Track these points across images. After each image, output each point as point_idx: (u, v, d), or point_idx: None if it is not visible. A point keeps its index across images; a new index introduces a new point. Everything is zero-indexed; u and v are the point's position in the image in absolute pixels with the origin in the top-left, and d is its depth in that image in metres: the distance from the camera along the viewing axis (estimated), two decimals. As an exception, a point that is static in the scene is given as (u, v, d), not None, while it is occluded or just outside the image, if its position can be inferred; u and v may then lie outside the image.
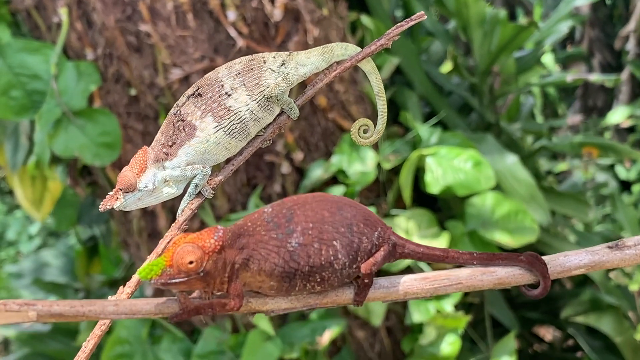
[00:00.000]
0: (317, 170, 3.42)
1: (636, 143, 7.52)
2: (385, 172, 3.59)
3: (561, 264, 1.31)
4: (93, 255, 4.13)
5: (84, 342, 1.26)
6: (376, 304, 3.28)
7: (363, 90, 3.64)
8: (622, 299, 3.78)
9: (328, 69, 1.43)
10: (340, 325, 3.22)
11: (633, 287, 4.15)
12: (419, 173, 3.48)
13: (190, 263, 1.14)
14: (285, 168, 3.42)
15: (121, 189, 1.36)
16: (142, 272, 1.13)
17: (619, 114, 7.55)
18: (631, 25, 7.82)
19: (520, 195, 3.58)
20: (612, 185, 5.83)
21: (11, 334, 3.92)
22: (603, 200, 5.72)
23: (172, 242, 1.17)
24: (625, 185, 6.63)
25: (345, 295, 1.29)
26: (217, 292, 1.22)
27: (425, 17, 1.39)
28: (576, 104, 8.93)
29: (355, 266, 1.26)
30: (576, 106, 8.93)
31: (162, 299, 1.18)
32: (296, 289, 1.23)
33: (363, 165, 3.43)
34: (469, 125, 4.25)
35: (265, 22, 3.29)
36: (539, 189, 3.67)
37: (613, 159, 6.03)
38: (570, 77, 4.82)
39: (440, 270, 1.32)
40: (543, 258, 1.30)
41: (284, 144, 3.40)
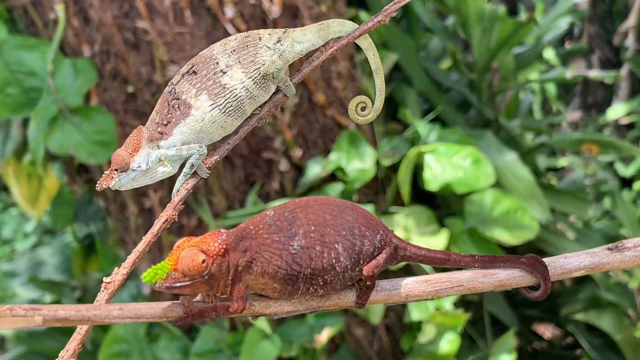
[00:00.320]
0: (316, 168, 3.41)
1: (635, 139, 7.51)
2: (383, 169, 3.58)
3: (561, 265, 1.31)
4: (90, 253, 4.11)
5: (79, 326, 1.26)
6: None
7: (362, 87, 3.62)
8: (622, 296, 3.77)
9: (325, 46, 1.40)
10: (338, 323, 3.21)
11: (633, 285, 4.14)
12: (417, 170, 3.47)
13: (202, 262, 1.14)
14: (284, 165, 3.40)
15: (116, 169, 1.34)
16: (147, 276, 1.14)
17: (617, 110, 7.55)
18: (630, 21, 7.80)
19: (520, 193, 3.56)
20: (612, 182, 5.82)
21: (7, 333, 3.90)
22: (602, 198, 5.70)
23: (176, 246, 1.17)
24: (625, 182, 6.62)
25: (348, 298, 1.30)
26: (221, 295, 1.23)
27: None
28: (576, 100, 8.92)
29: (357, 269, 1.26)
30: (576, 102, 8.92)
31: (167, 302, 1.19)
32: (299, 292, 1.23)
33: (362, 162, 3.41)
34: (468, 121, 4.24)
35: (263, 19, 3.27)
36: (539, 186, 3.65)
37: (613, 155, 6.01)
38: (570, 74, 4.81)
39: (441, 273, 1.32)
40: (544, 260, 1.30)
41: (282, 141, 3.39)
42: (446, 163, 3.36)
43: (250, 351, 3.01)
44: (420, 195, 3.63)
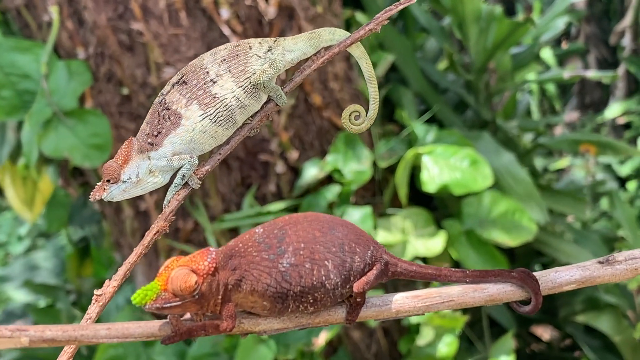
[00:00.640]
0: (312, 170, 3.39)
1: (632, 139, 7.50)
2: (381, 171, 3.56)
3: (552, 279, 1.33)
4: (84, 257, 4.08)
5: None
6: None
7: (358, 88, 3.60)
8: (621, 297, 3.76)
9: (316, 54, 1.40)
10: (336, 326, 3.18)
11: (632, 286, 4.13)
12: (415, 172, 3.45)
13: (193, 282, 1.14)
14: (280, 167, 3.38)
15: (108, 180, 1.35)
16: (137, 298, 1.14)
17: (614, 109, 7.54)
18: (627, 21, 7.80)
19: (517, 194, 3.55)
20: (610, 183, 5.81)
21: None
22: (600, 198, 5.69)
23: (165, 266, 1.17)
24: (623, 182, 6.61)
25: (338, 315, 1.30)
26: (210, 314, 1.22)
27: (415, 1, 1.35)
28: (573, 100, 8.91)
29: (347, 286, 1.25)
30: (573, 103, 8.92)
31: (155, 321, 1.20)
32: (289, 310, 1.23)
33: (358, 164, 3.39)
34: (465, 122, 4.22)
35: (259, 20, 3.25)
36: (536, 187, 3.64)
37: (611, 156, 6.01)
38: (567, 74, 4.80)
39: (431, 288, 1.33)
40: (535, 274, 1.32)
41: (278, 143, 3.37)
42: (443, 164, 3.34)
43: (245, 355, 2.99)
44: (418, 197, 3.62)
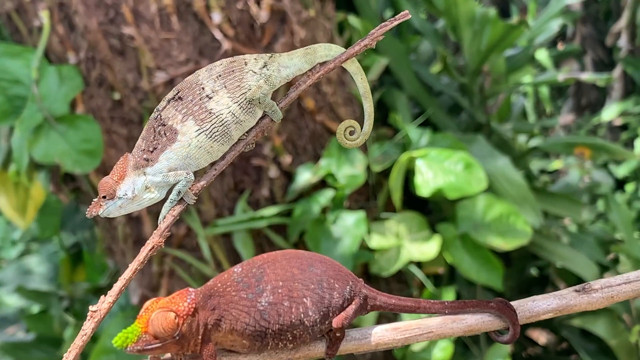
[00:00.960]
0: (306, 174, 3.37)
1: (629, 141, 7.48)
2: (374, 175, 3.54)
3: (530, 309, 1.35)
4: (77, 262, 4.06)
5: (65, 354, 1.26)
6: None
7: (351, 92, 3.59)
8: (617, 301, 3.73)
9: (311, 70, 1.41)
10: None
11: (627, 289, 4.10)
12: (409, 175, 3.43)
13: (174, 324, 1.16)
14: (273, 172, 3.37)
15: (104, 196, 1.35)
16: (118, 341, 1.15)
17: (611, 111, 7.52)
18: (623, 22, 7.78)
19: (512, 197, 3.53)
20: (606, 185, 5.78)
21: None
22: (596, 200, 5.67)
23: (145, 308, 1.18)
24: (619, 184, 6.59)
25: (317, 349, 1.32)
26: (190, 354, 1.24)
27: (410, 17, 1.36)
28: (569, 102, 8.90)
29: (327, 322, 1.27)
30: (569, 104, 8.90)
31: None
32: (268, 348, 1.25)
33: (352, 168, 3.38)
34: (459, 125, 4.20)
35: (251, 24, 3.23)
36: (531, 190, 3.62)
37: (606, 158, 5.99)
38: (562, 77, 4.78)
39: (411, 320, 1.36)
40: (512, 303, 1.34)
41: (271, 148, 3.35)
42: (437, 168, 3.32)
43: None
44: (412, 201, 3.60)
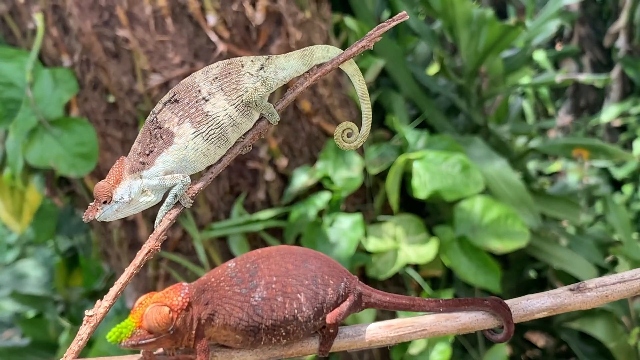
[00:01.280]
0: (302, 177, 3.35)
1: (628, 142, 7.47)
2: (371, 178, 3.52)
3: (524, 307, 1.34)
4: (73, 267, 4.04)
5: (61, 359, 1.25)
6: (365, 312, 3.22)
7: (348, 94, 3.57)
8: (616, 303, 3.71)
9: (309, 72, 1.40)
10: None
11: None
12: (406, 178, 3.41)
13: (168, 318, 1.16)
14: (269, 175, 3.35)
15: (100, 200, 1.34)
16: (112, 336, 1.15)
17: (610, 112, 7.51)
18: (621, 22, 7.77)
19: (510, 199, 3.51)
20: (604, 187, 5.77)
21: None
22: (595, 202, 5.65)
23: (139, 303, 1.18)
24: (618, 185, 6.58)
25: (311, 346, 1.32)
26: (183, 348, 1.23)
27: (407, 18, 1.34)
28: (568, 103, 8.89)
29: (320, 318, 1.27)
30: (568, 105, 8.89)
31: (127, 357, 1.22)
32: (262, 343, 1.24)
33: (349, 170, 3.36)
34: (457, 127, 4.18)
35: (247, 26, 3.22)
36: (529, 192, 3.61)
37: (604, 160, 5.97)
38: (559, 78, 4.76)
39: (405, 318, 1.35)
40: (507, 302, 1.33)
41: (267, 150, 3.33)
42: (435, 170, 3.30)
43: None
44: (409, 204, 3.58)
